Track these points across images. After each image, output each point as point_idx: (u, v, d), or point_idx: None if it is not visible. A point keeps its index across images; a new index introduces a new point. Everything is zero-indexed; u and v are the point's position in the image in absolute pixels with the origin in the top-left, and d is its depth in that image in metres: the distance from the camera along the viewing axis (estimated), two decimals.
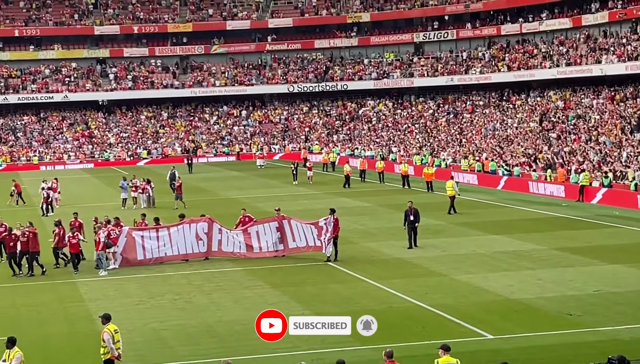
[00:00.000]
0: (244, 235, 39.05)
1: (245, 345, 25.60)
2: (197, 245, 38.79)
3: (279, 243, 38.87)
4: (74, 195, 66.32)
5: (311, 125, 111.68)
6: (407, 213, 40.37)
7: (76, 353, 25.41)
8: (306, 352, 23.93)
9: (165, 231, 38.66)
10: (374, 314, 28.51)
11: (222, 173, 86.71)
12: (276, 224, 38.93)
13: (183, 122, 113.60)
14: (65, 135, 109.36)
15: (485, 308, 29.25)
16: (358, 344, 25.35)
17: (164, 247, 38.35)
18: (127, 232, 38.02)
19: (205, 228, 38.82)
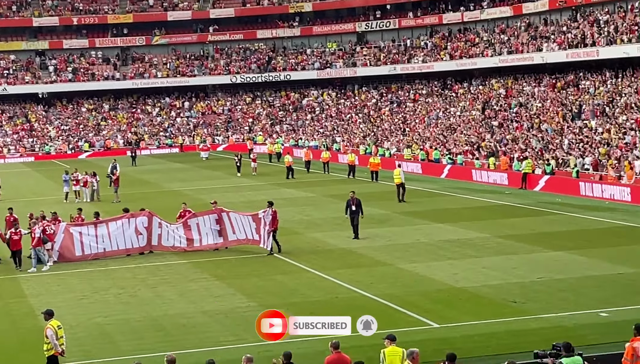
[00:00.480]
0: (184, 229, 38.69)
1: (190, 339, 25.45)
2: (137, 240, 38.27)
3: (219, 235, 38.58)
4: (15, 188, 65.50)
5: (255, 116, 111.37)
6: (349, 202, 40.26)
7: (19, 349, 25.07)
8: (252, 344, 23.78)
9: (104, 227, 38.05)
10: (320, 305, 28.70)
11: (166, 165, 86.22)
12: (216, 216, 38.64)
13: (125, 114, 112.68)
14: (5, 129, 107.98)
15: (430, 297, 29.35)
16: (304, 336, 25.28)
17: (103, 243, 37.81)
18: (65, 228, 37.42)
19: (145, 223, 38.37)
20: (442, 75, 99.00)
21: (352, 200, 40.16)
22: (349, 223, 40.54)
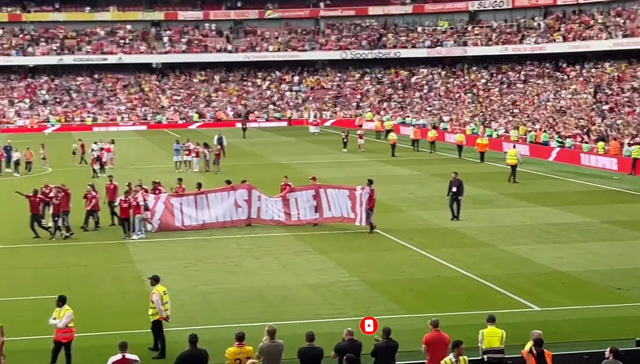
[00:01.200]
0: (282, 202, 38.99)
1: (291, 310, 25.79)
2: (237, 213, 38.71)
3: (315, 211, 38.71)
4: (127, 156, 66.83)
5: (363, 92, 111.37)
6: (451, 184, 40.10)
7: (125, 313, 25.73)
8: (352, 318, 24.01)
9: (204, 199, 38.52)
10: (421, 283, 28.81)
11: (274, 138, 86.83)
12: (313, 192, 38.80)
13: (235, 87, 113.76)
14: (119, 97, 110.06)
15: (532, 280, 29.15)
16: (404, 312, 25.49)
17: (203, 215, 38.34)
18: (166, 199, 37.97)
19: (245, 196, 38.74)
20: (554, 57, 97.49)
21: (453, 181, 39.99)
22: (449, 204, 40.29)
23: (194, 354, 18.30)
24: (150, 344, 22.15)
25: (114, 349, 18.20)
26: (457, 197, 39.85)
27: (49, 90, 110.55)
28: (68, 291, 22.66)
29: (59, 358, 20.36)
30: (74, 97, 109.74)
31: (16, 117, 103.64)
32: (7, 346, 20.28)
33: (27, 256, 33.55)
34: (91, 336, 23.20)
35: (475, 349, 19.32)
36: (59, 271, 31.33)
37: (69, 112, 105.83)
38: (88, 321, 24.01)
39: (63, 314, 20.54)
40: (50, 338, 20.87)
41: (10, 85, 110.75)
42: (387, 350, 18.75)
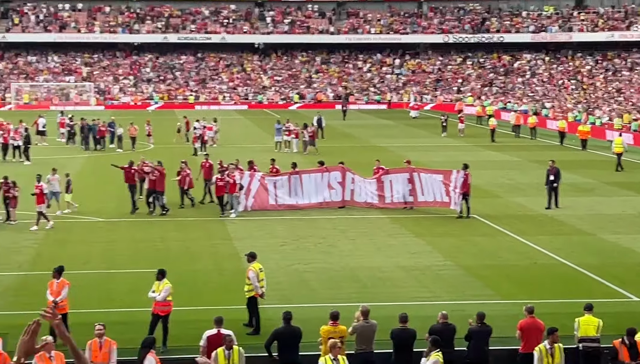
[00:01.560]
0: (377, 184, 38.87)
1: (385, 292, 25.86)
2: (330, 194, 38.76)
3: (409, 195, 38.43)
4: (228, 135, 67.49)
5: (464, 77, 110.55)
6: (548, 172, 39.37)
7: (222, 289, 26.11)
8: (446, 302, 23.99)
9: (298, 179, 38.62)
10: (517, 270, 28.54)
11: (373, 120, 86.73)
12: (407, 175, 38.50)
13: (336, 68, 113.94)
14: (222, 76, 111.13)
15: (632, 270, 28.71)
16: (499, 298, 25.35)
17: (296, 195, 38.43)
18: (260, 178, 38.15)
19: (339, 177, 38.74)
20: None
21: (551, 169, 39.34)
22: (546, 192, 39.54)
23: (287, 332, 18.49)
24: (245, 321, 22.45)
25: (210, 324, 18.49)
26: (554, 185, 39.15)
27: (153, 68, 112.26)
28: (167, 266, 23.08)
29: (156, 331, 20.74)
30: (177, 75, 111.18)
31: (120, 93, 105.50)
32: (105, 317, 20.77)
33: (127, 230, 34.23)
34: (188, 310, 23.60)
35: (570, 337, 19.15)
36: (158, 245, 31.90)
37: (171, 90, 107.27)
38: (185, 296, 24.43)
39: (162, 288, 20.93)
40: (149, 311, 21.28)
41: (116, 62, 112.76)
42: (481, 335, 18.71)
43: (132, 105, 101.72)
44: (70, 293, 21.54)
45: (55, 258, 28.38)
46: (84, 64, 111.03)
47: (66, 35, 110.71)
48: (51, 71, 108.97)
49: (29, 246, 31.52)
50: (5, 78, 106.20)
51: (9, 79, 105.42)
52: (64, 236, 33.24)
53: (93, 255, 30.48)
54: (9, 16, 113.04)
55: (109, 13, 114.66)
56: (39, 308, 22.02)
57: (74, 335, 20.39)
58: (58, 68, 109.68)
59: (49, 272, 22.95)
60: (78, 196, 38.52)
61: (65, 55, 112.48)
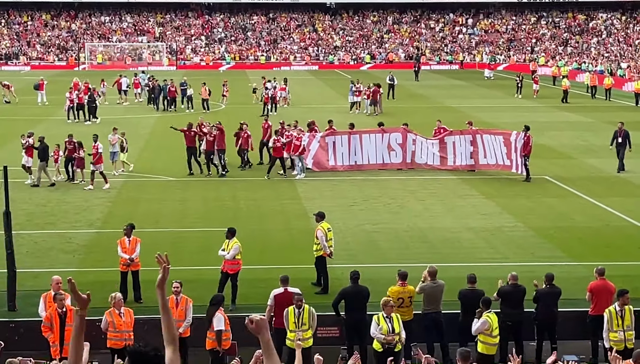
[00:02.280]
0: (439, 145, 38.29)
1: (454, 253, 25.77)
2: (389, 156, 38.35)
3: (470, 157, 37.66)
4: (300, 96, 67.53)
5: (539, 37, 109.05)
6: (616, 133, 38.49)
7: (291, 248, 26.23)
8: (515, 264, 23.81)
9: (357, 139, 38.27)
10: (589, 232, 28.21)
11: (445, 81, 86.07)
12: (470, 137, 37.72)
13: (408, 28, 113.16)
14: (293, 36, 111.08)
15: None
16: (570, 260, 25.12)
17: (355, 155, 38.11)
18: (320, 138, 37.94)
19: (399, 139, 38.31)
20: None
21: (619, 131, 38.40)
22: (615, 154, 38.77)
23: (355, 291, 18.54)
24: (314, 280, 22.54)
25: (278, 283, 18.59)
26: (622, 148, 38.28)
27: (224, 28, 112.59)
28: (236, 225, 23.23)
29: (225, 289, 20.91)
30: (249, 35, 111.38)
31: (192, 54, 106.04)
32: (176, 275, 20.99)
33: (198, 190, 34.48)
34: (257, 268, 23.76)
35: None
36: (228, 204, 32.11)
37: (243, 51, 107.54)
38: (255, 255, 24.61)
39: (231, 247, 21.08)
40: (218, 269, 21.45)
41: (188, 22, 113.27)
42: (550, 296, 18.58)
43: (204, 65, 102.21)
44: (141, 251, 21.79)
45: (126, 217, 28.74)
46: (157, 24, 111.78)
47: None
48: (124, 31, 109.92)
49: (101, 204, 31.93)
50: (79, 38, 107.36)
51: (82, 39, 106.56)
52: (135, 195, 33.63)
53: (164, 213, 30.79)
54: None
55: None
56: (111, 265, 22.40)
57: (145, 292, 20.75)
58: (131, 29, 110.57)
59: (120, 230, 23.26)
60: (150, 156, 38.89)
61: (138, 15, 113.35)
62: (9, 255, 20.94)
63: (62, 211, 30.95)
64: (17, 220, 27.70)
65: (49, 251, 25.87)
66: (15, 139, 38.97)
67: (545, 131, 49.79)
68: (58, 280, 18.12)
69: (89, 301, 7.17)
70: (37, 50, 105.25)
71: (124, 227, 22.02)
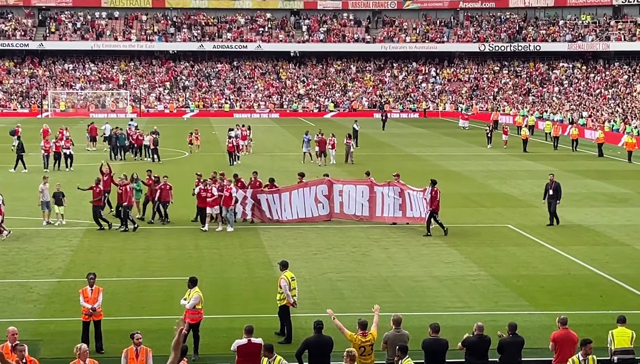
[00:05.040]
0: (369, 194, 37.42)
1: (418, 302, 25.74)
2: (317, 208, 37.77)
3: (399, 209, 36.84)
4: (262, 143, 67.62)
5: (500, 86, 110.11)
6: (548, 186, 37.56)
7: (253, 297, 26.07)
8: (479, 313, 23.84)
9: (287, 195, 37.61)
10: (551, 280, 28.30)
11: (408, 129, 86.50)
12: (399, 189, 36.84)
13: (372, 77, 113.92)
14: (257, 84, 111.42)
15: None
16: (532, 308, 25.15)
17: (284, 211, 37.51)
18: (252, 194, 37.28)
19: (325, 191, 37.82)
20: None
21: (550, 184, 37.56)
22: (546, 207, 37.86)
23: (319, 341, 18.43)
24: (277, 329, 22.41)
25: (241, 333, 18.46)
26: (553, 201, 37.26)
27: (189, 76, 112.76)
28: (199, 273, 23.11)
29: (188, 339, 20.73)
30: (213, 83, 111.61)
31: (156, 101, 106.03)
32: (138, 325, 20.81)
33: (161, 238, 34.27)
34: (220, 318, 23.60)
35: (604, 349, 18.94)
36: (192, 253, 31.94)
37: (207, 98, 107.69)
38: (218, 304, 24.48)
39: (192, 296, 20.94)
40: (180, 319, 21.25)
41: (152, 70, 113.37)
42: (513, 346, 18.54)
43: (167, 112, 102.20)
44: (104, 300, 21.57)
45: (89, 265, 28.54)
46: (121, 72, 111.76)
47: (103, 43, 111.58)
48: (88, 79, 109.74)
49: (63, 252, 31.65)
50: (42, 86, 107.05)
51: (46, 87, 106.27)
52: (97, 243, 33.36)
53: (127, 262, 30.57)
54: (46, 24, 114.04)
55: (145, 21, 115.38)
56: (73, 315, 22.09)
57: (107, 342, 20.52)
58: (95, 76, 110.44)
59: (82, 279, 23.02)
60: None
61: (102, 62, 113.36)
62: None
63: (24, 259, 30.64)
64: None
65: (9, 301, 25.54)
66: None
67: (508, 180, 50.15)
68: (14, 331, 17.84)
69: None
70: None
71: (89, 276, 21.67)
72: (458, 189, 46.84)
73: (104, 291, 21.88)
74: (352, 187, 37.91)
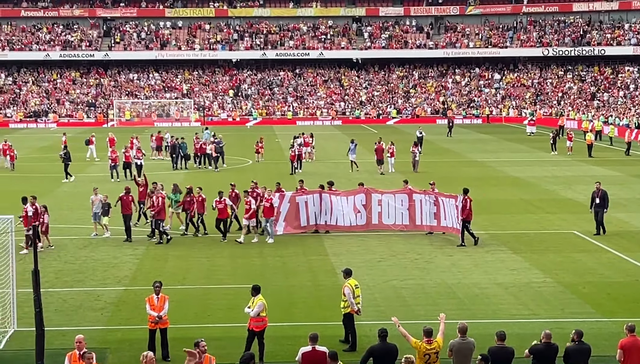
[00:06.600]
0: (409, 203, 36.98)
1: (483, 309, 25.59)
2: (355, 218, 37.23)
3: (434, 218, 36.39)
4: (325, 150, 67.73)
5: (565, 90, 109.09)
6: (594, 194, 36.76)
7: (317, 305, 26.13)
8: (545, 320, 23.66)
9: (327, 199, 37.17)
10: (618, 287, 27.95)
11: (472, 135, 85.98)
12: (434, 198, 36.36)
13: (434, 83, 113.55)
14: (319, 92, 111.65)
15: None
16: (599, 316, 24.88)
17: (325, 215, 37.12)
18: (290, 197, 36.94)
19: (364, 200, 37.29)
20: None
21: (597, 192, 36.79)
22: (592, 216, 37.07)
23: (383, 349, 18.41)
24: (341, 337, 22.42)
25: (306, 341, 18.50)
26: (601, 210, 36.45)
27: (251, 84, 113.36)
28: (263, 281, 23.22)
29: (253, 346, 20.83)
30: (275, 91, 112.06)
31: (220, 109, 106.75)
32: (202, 333, 20.96)
33: (225, 246, 34.45)
34: (284, 326, 23.69)
35: None
36: (256, 261, 32.07)
37: (270, 106, 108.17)
38: (282, 312, 24.57)
39: (255, 304, 21.03)
40: (246, 326, 21.37)
41: (215, 79, 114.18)
42: (580, 354, 18.34)
43: (231, 121, 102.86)
44: (169, 308, 21.76)
45: (154, 274, 28.82)
46: (184, 81, 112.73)
47: (167, 52, 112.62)
48: (152, 88, 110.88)
49: (129, 261, 32.00)
50: (108, 95, 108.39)
51: (111, 96, 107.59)
52: (163, 252, 33.64)
53: (192, 270, 30.81)
54: (111, 34, 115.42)
55: (208, 30, 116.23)
56: (139, 323, 22.39)
57: (172, 350, 20.73)
58: (159, 85, 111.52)
59: (148, 287, 23.27)
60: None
61: (165, 72, 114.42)
62: (38, 314, 20.98)
63: (91, 268, 31.04)
64: (46, 278, 27.88)
65: (77, 309, 25.89)
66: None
67: (573, 185, 49.66)
68: (81, 339, 18.12)
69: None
70: (66, 107, 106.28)
71: (155, 284, 21.82)
72: (522, 195, 46.53)
73: (170, 299, 22.07)
74: (391, 196, 37.46)
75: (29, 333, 21.97)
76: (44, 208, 34.14)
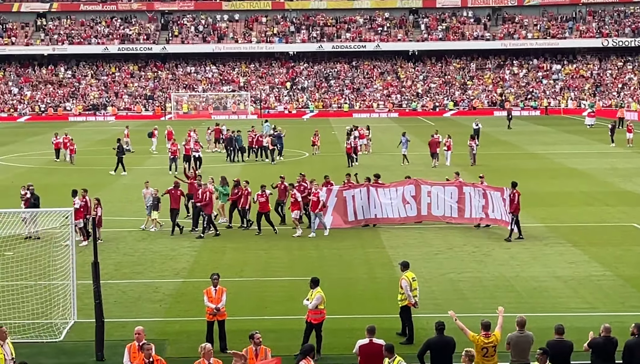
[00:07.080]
0: (458, 196, 36.65)
1: (541, 302, 25.40)
2: (405, 209, 37.07)
3: (482, 211, 35.94)
4: (381, 143, 67.61)
5: (625, 82, 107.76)
6: None
7: (374, 298, 26.11)
8: (604, 314, 23.43)
9: (374, 192, 36.95)
10: None
11: (530, 127, 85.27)
12: (482, 190, 35.92)
13: (491, 74, 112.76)
14: (376, 84, 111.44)
15: None
16: None
17: (374, 208, 36.96)
18: (338, 192, 36.72)
19: (413, 192, 37.09)
20: None
21: None
22: None
23: (440, 342, 18.35)
24: (399, 330, 22.39)
25: (363, 333, 18.50)
26: None
27: (308, 76, 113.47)
28: (320, 274, 23.23)
29: (311, 339, 20.86)
30: (332, 83, 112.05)
31: (276, 102, 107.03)
32: (259, 325, 21.04)
33: (282, 239, 34.54)
34: (342, 318, 23.69)
35: None
36: (312, 253, 32.13)
37: (326, 98, 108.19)
38: (339, 304, 24.57)
39: (314, 296, 21.06)
40: (304, 318, 21.41)
41: (272, 71, 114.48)
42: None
43: (287, 113, 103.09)
44: (227, 300, 21.87)
45: (212, 266, 28.99)
46: (241, 74, 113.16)
47: (224, 45, 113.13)
48: (209, 81, 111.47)
49: (187, 253, 32.22)
50: (165, 88, 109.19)
51: (169, 89, 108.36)
52: (221, 244, 33.81)
53: (249, 262, 30.93)
54: (169, 28, 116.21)
55: (265, 23, 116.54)
56: (197, 315, 22.57)
57: (229, 343, 20.87)
58: (216, 78, 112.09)
59: (205, 279, 23.42)
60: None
61: (223, 65, 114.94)
62: (98, 305, 21.24)
63: (149, 260, 31.31)
64: (106, 269, 28.15)
65: (136, 301, 26.14)
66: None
67: (633, 177, 49.08)
68: (139, 331, 18.28)
69: None
70: (124, 100, 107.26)
71: (213, 277, 21.92)
72: (581, 187, 46.08)
73: (227, 291, 22.18)
74: (441, 188, 37.18)
75: (89, 324, 22.22)
76: (97, 201, 34.21)
